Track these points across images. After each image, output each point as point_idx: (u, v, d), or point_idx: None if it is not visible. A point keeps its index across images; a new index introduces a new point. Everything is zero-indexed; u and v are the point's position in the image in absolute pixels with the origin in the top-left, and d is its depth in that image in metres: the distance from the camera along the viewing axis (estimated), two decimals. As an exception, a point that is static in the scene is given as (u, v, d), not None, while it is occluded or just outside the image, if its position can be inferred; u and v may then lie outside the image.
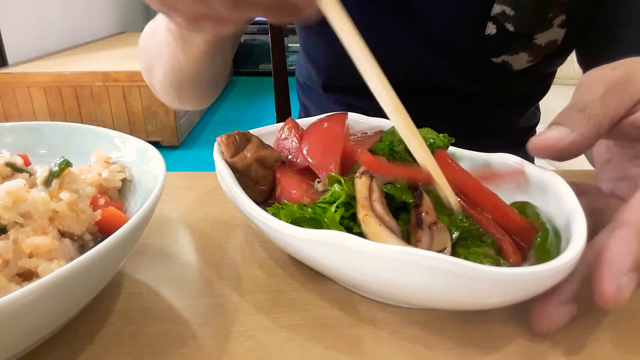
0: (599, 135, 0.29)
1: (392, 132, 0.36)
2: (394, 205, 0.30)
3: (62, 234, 0.28)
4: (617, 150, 0.35)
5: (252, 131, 0.38)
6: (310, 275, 0.32)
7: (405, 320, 0.28)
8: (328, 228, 0.28)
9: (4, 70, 2.38)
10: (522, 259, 0.28)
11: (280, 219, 0.28)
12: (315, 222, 0.29)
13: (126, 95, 2.41)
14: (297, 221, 0.29)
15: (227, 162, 0.34)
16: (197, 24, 0.30)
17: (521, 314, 0.28)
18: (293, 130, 0.37)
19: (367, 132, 0.37)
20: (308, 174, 0.34)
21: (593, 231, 0.26)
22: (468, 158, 0.36)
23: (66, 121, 1.16)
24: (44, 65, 2.50)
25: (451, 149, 0.36)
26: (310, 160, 0.33)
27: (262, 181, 0.34)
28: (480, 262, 0.26)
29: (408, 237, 0.28)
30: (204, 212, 0.40)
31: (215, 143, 0.35)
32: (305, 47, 0.66)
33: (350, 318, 0.28)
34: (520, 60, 0.54)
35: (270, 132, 0.39)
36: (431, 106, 0.58)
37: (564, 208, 0.28)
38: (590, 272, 0.25)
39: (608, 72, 0.30)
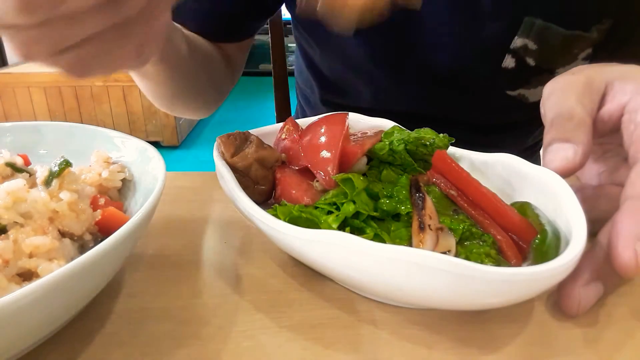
0: (592, 138, 0.30)
1: (392, 132, 0.36)
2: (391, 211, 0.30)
3: (62, 234, 0.28)
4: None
5: (252, 131, 0.38)
6: (310, 275, 0.32)
7: (405, 320, 0.28)
8: (327, 228, 0.28)
9: (4, 70, 2.38)
10: (522, 260, 0.28)
11: (278, 217, 0.28)
12: (313, 223, 0.29)
13: (126, 95, 2.42)
14: (295, 220, 0.29)
15: (227, 162, 0.34)
16: (78, 68, 0.25)
17: (521, 314, 0.28)
18: (293, 130, 0.37)
19: (367, 132, 0.37)
20: (308, 174, 0.34)
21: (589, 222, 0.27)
22: (468, 158, 0.36)
23: (66, 121, 1.16)
24: (44, 65, 2.50)
25: (451, 149, 0.36)
26: (311, 164, 0.33)
27: (262, 181, 0.34)
28: (482, 263, 0.26)
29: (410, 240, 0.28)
30: (204, 212, 0.40)
31: (215, 143, 0.35)
32: (306, 55, 0.64)
33: (350, 318, 0.28)
34: (537, 94, 0.52)
35: (270, 132, 0.39)
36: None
37: (563, 208, 0.28)
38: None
39: (571, 78, 0.33)
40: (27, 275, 0.25)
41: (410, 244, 0.28)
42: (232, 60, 0.61)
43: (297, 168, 0.35)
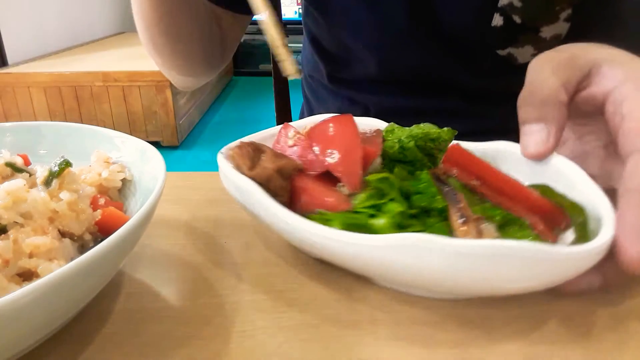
0: (567, 112, 0.31)
1: (392, 129, 0.36)
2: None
3: (62, 234, 0.28)
4: (569, 129, 0.35)
5: (247, 137, 0.36)
6: (311, 275, 0.32)
7: (406, 320, 0.28)
8: (387, 232, 0.27)
9: (4, 70, 2.38)
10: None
11: (334, 227, 0.27)
12: (364, 228, 0.28)
13: (126, 95, 2.41)
14: (347, 229, 0.27)
15: (247, 176, 0.31)
16: None
17: (522, 314, 0.28)
18: (300, 136, 0.35)
19: (366, 132, 0.37)
20: (326, 179, 0.32)
21: None
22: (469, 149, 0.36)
23: (66, 121, 1.16)
24: (44, 65, 2.50)
25: (454, 141, 0.36)
26: (336, 167, 0.31)
27: (280, 192, 0.31)
28: None
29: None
30: (204, 212, 0.40)
31: (224, 156, 0.33)
32: (313, 38, 0.66)
33: (350, 318, 0.28)
34: (525, 53, 0.54)
35: (264, 137, 0.37)
36: (433, 103, 0.58)
37: (578, 188, 0.28)
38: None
39: (554, 54, 0.33)
40: (27, 275, 0.25)
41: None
42: (226, 33, 0.61)
43: (314, 175, 0.32)
